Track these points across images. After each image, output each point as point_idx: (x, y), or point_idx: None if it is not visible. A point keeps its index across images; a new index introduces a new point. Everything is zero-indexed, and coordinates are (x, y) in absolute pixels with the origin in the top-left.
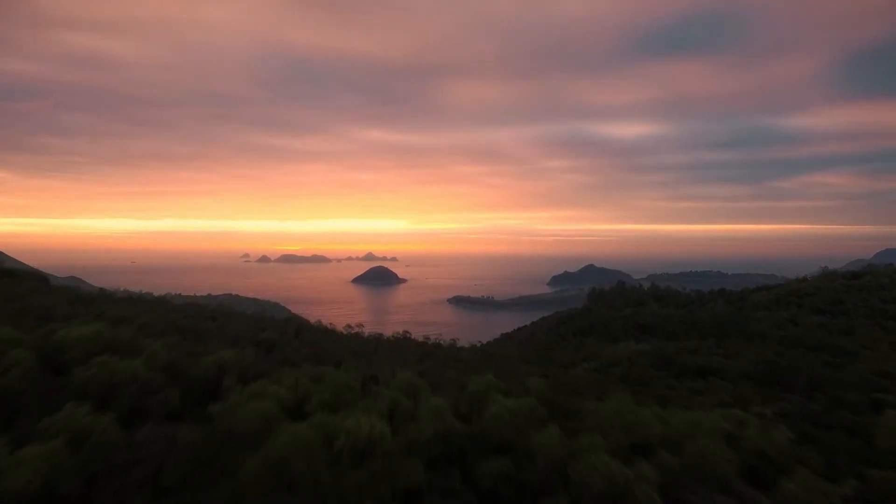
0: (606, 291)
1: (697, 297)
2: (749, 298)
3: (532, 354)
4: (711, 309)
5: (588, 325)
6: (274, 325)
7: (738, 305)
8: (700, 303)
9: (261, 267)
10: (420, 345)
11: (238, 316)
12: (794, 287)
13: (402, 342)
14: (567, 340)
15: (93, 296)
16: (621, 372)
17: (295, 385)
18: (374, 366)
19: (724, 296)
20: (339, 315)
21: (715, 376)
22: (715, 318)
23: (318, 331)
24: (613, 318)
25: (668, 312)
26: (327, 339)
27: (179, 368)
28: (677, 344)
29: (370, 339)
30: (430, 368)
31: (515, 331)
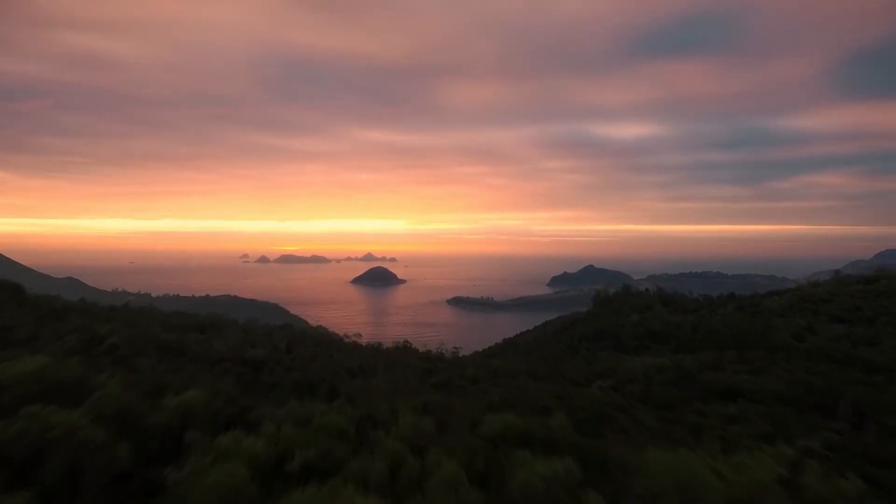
0: (611, 295)
1: (706, 301)
2: (761, 304)
3: (541, 368)
4: (723, 315)
5: (595, 332)
6: (266, 337)
7: (751, 311)
8: (709, 308)
9: (260, 267)
10: (422, 358)
11: (229, 325)
12: (807, 292)
13: (402, 354)
14: (574, 349)
15: (71, 307)
16: (640, 391)
17: (276, 434)
18: (372, 393)
19: (734, 301)
20: (338, 316)
21: (745, 398)
22: (732, 327)
23: (314, 340)
24: (621, 325)
25: (678, 319)
26: (323, 351)
27: (133, 417)
28: (695, 357)
29: (369, 349)
30: (435, 400)
31: (518, 335)
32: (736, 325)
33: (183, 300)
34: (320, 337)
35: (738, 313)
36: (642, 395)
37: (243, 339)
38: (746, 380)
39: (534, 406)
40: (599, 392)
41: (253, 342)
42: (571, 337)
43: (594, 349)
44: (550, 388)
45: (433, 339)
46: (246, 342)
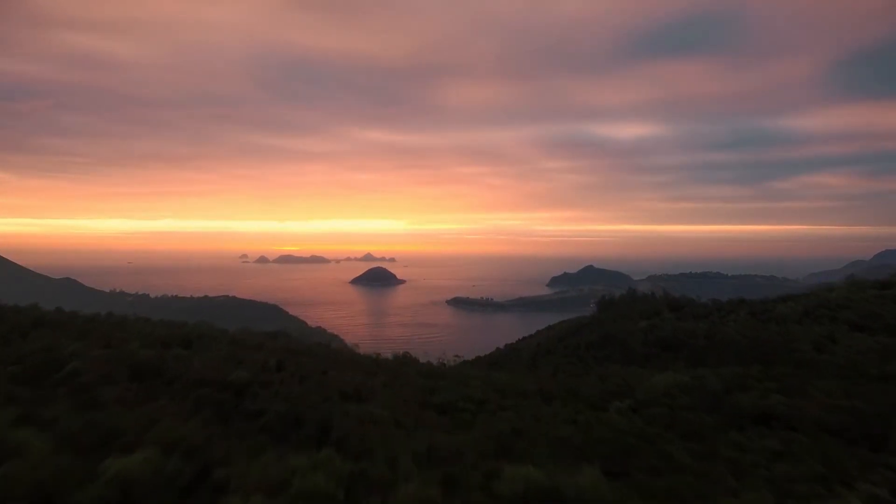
0: (617, 299)
1: (715, 306)
2: (774, 310)
3: (551, 385)
4: (735, 322)
5: (601, 339)
6: (256, 351)
7: (764, 318)
8: (720, 314)
9: (259, 268)
10: (423, 373)
11: (218, 337)
12: (822, 297)
13: (401, 367)
14: (581, 358)
15: (43, 319)
16: (663, 416)
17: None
18: (367, 431)
19: (745, 306)
20: (337, 317)
21: (782, 425)
22: (749, 336)
23: (306, 353)
24: (629, 332)
25: (689, 326)
26: (315, 368)
27: (55, 493)
28: (716, 372)
29: (367, 362)
30: (441, 443)
31: (520, 340)
32: (753, 334)
33: (181, 301)
34: (314, 349)
35: (751, 320)
36: (667, 420)
37: (229, 356)
38: (780, 402)
39: (550, 437)
40: (619, 417)
41: (240, 359)
42: (577, 343)
43: (600, 357)
44: (565, 412)
45: (433, 340)
46: (232, 359)
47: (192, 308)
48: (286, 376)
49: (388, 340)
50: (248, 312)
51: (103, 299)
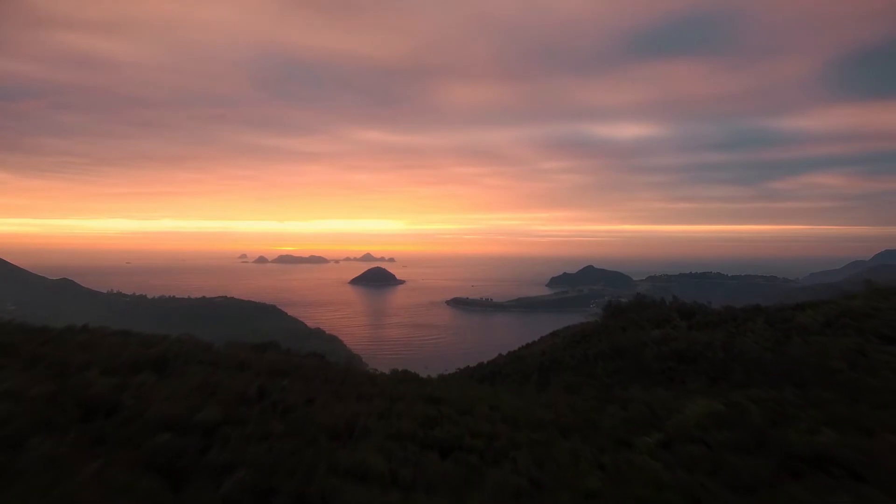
0: (625, 306)
1: (729, 314)
2: (794, 319)
3: (565, 411)
4: (753, 332)
5: (611, 350)
6: (237, 373)
7: (783, 328)
8: (734, 323)
9: (258, 268)
10: (425, 398)
11: (197, 356)
12: (844, 305)
13: (399, 389)
14: (595, 377)
15: (3, 336)
16: (702, 458)
17: None
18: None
19: (762, 314)
20: (336, 318)
21: (845, 472)
22: (772, 349)
23: (294, 371)
24: (641, 342)
25: (705, 337)
26: (302, 394)
27: None
28: (748, 395)
29: (361, 382)
30: None
31: (523, 348)
32: (774, 347)
33: (178, 302)
34: (304, 365)
35: (770, 330)
36: (708, 464)
37: (203, 383)
38: (835, 441)
39: (576, 490)
40: (653, 460)
41: (216, 386)
42: (585, 355)
43: (611, 369)
44: (587, 450)
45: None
46: (206, 388)
47: (190, 309)
48: (266, 408)
49: (387, 342)
50: (247, 313)
51: (100, 300)
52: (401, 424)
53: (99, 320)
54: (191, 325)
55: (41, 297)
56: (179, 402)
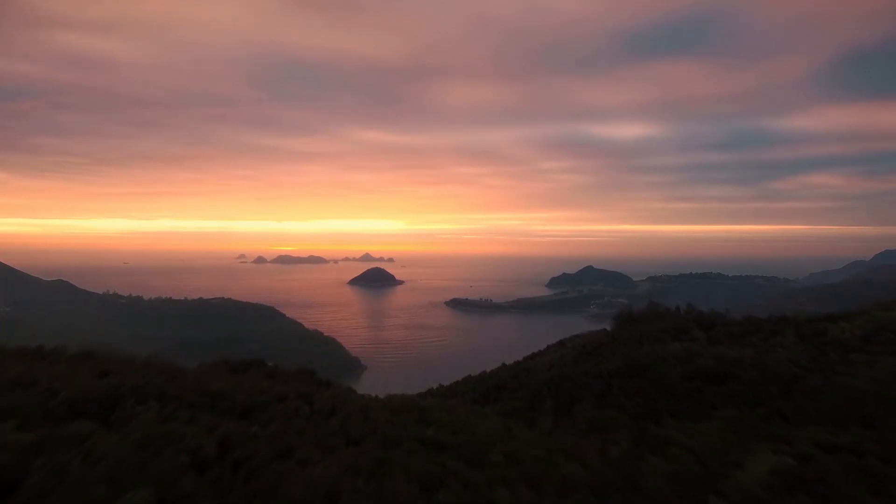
0: (638, 314)
1: (753, 325)
2: (828, 332)
3: (600, 468)
4: (783, 347)
5: (629, 367)
6: (200, 416)
7: (816, 343)
8: (760, 335)
9: (257, 268)
10: (426, 444)
11: (158, 390)
12: (882, 317)
13: (397, 423)
14: (608, 395)
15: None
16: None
17: None
18: None
19: (791, 326)
20: (335, 319)
21: None
22: (811, 368)
23: (272, 405)
24: (661, 358)
25: (733, 353)
26: (274, 446)
27: None
28: (811, 438)
29: (352, 414)
30: None
31: (529, 358)
32: (811, 364)
33: (176, 303)
34: (286, 396)
35: (801, 344)
36: None
37: (151, 437)
38: None
39: None
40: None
41: (167, 441)
42: (598, 371)
43: (630, 390)
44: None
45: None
46: (154, 444)
47: (187, 311)
48: (224, 474)
49: (386, 343)
50: (244, 315)
51: (96, 302)
52: (396, 486)
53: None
54: (187, 327)
55: (36, 298)
56: (100, 482)
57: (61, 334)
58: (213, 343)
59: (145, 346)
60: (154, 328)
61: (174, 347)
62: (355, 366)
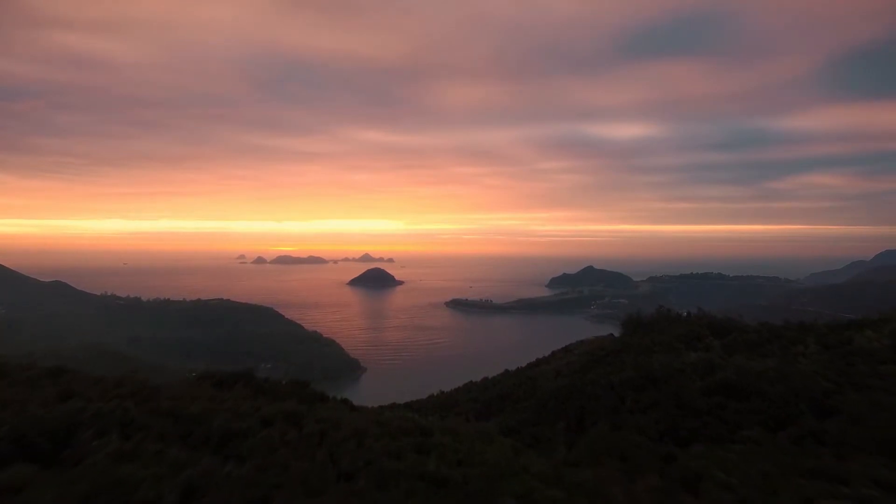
0: (647, 320)
1: (769, 332)
2: (853, 341)
3: None
4: (806, 356)
5: (642, 378)
6: (169, 449)
7: (841, 352)
8: (780, 343)
9: (256, 268)
10: (427, 482)
11: (127, 417)
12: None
13: (394, 450)
14: (621, 408)
15: None
16: None
17: None
18: None
19: (812, 334)
20: (335, 320)
21: None
22: (840, 381)
23: (253, 435)
24: (678, 371)
25: (756, 365)
26: (248, 491)
27: None
28: (868, 475)
29: (343, 442)
30: None
31: (534, 364)
32: (840, 378)
33: (174, 304)
34: (274, 418)
35: (826, 354)
36: None
37: (97, 488)
38: None
39: None
40: None
41: (115, 491)
42: (609, 381)
43: (645, 404)
44: None
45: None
46: (98, 496)
47: (185, 312)
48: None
49: (386, 345)
50: (242, 316)
51: (94, 303)
52: None
53: (91, 324)
54: (186, 328)
55: (33, 299)
56: None
57: (58, 336)
58: (212, 345)
59: (143, 347)
60: (152, 329)
61: (172, 349)
62: (355, 367)
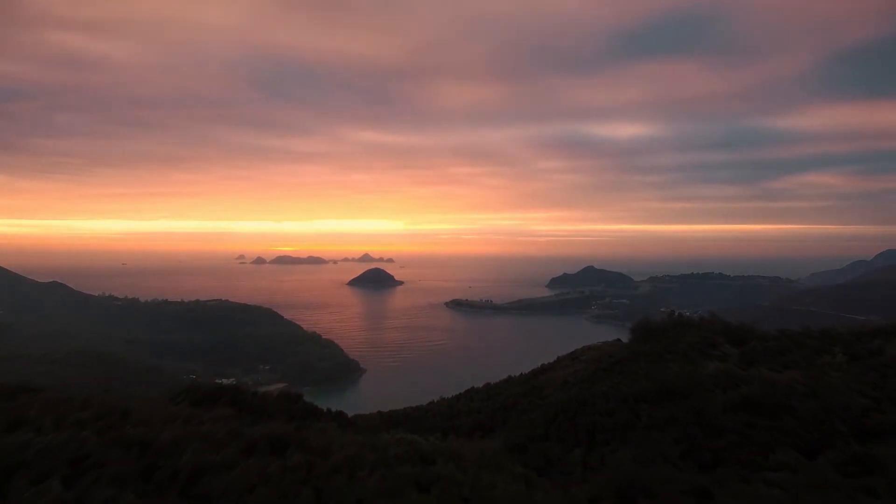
0: (657, 326)
1: (792, 340)
2: (883, 350)
3: None
4: (835, 368)
5: (658, 391)
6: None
7: (873, 364)
8: (803, 353)
9: (256, 269)
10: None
11: (84, 450)
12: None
13: (390, 482)
14: (644, 433)
15: None
16: None
17: None
18: None
19: (836, 342)
20: (334, 321)
21: None
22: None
23: (231, 468)
24: (697, 384)
25: (783, 379)
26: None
27: None
28: None
29: (332, 475)
30: None
31: (539, 371)
32: (879, 394)
33: (172, 305)
34: (255, 445)
35: (858, 366)
36: None
37: None
38: None
39: None
40: None
41: None
42: (622, 392)
43: (662, 420)
44: None
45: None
46: None
47: (183, 313)
48: None
49: (386, 346)
50: (241, 317)
51: (91, 304)
52: None
53: (88, 325)
54: (183, 329)
55: (29, 301)
56: None
57: (54, 338)
58: (210, 346)
59: (140, 349)
60: (150, 331)
61: (170, 350)
62: (354, 369)
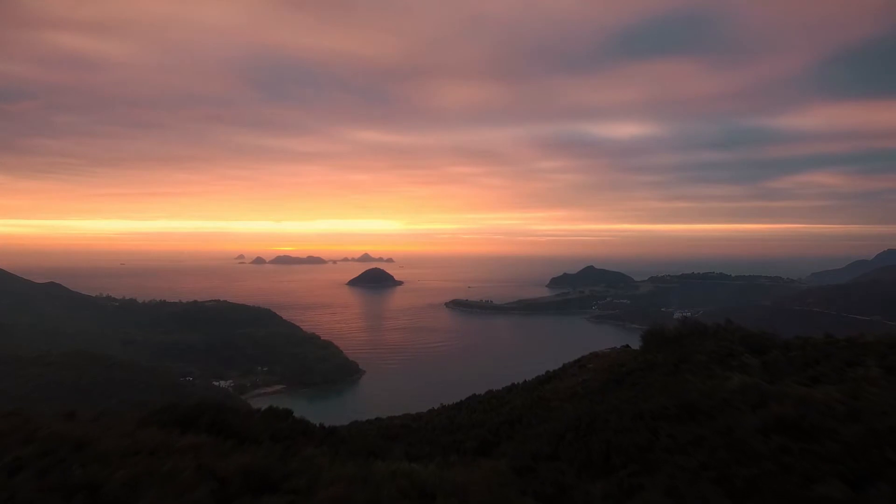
0: (671, 333)
1: (820, 351)
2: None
3: None
4: (871, 383)
5: (679, 408)
6: None
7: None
8: (832, 364)
9: (255, 269)
10: None
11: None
12: None
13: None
14: (665, 455)
15: None
16: None
17: None
18: None
19: (869, 353)
20: (333, 321)
21: None
22: None
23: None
24: (723, 401)
25: (817, 396)
26: None
27: None
28: None
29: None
30: None
31: (544, 381)
32: None
33: (170, 306)
34: (231, 480)
35: (893, 379)
36: None
37: None
38: None
39: None
40: None
41: None
42: (637, 408)
43: (684, 440)
44: None
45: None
46: None
47: (181, 314)
48: None
49: (385, 347)
50: (239, 318)
51: (88, 304)
52: None
53: (86, 326)
54: (181, 330)
55: (27, 302)
56: None
57: (50, 340)
58: (208, 347)
59: (137, 351)
60: (147, 332)
61: (167, 351)
62: (353, 370)
